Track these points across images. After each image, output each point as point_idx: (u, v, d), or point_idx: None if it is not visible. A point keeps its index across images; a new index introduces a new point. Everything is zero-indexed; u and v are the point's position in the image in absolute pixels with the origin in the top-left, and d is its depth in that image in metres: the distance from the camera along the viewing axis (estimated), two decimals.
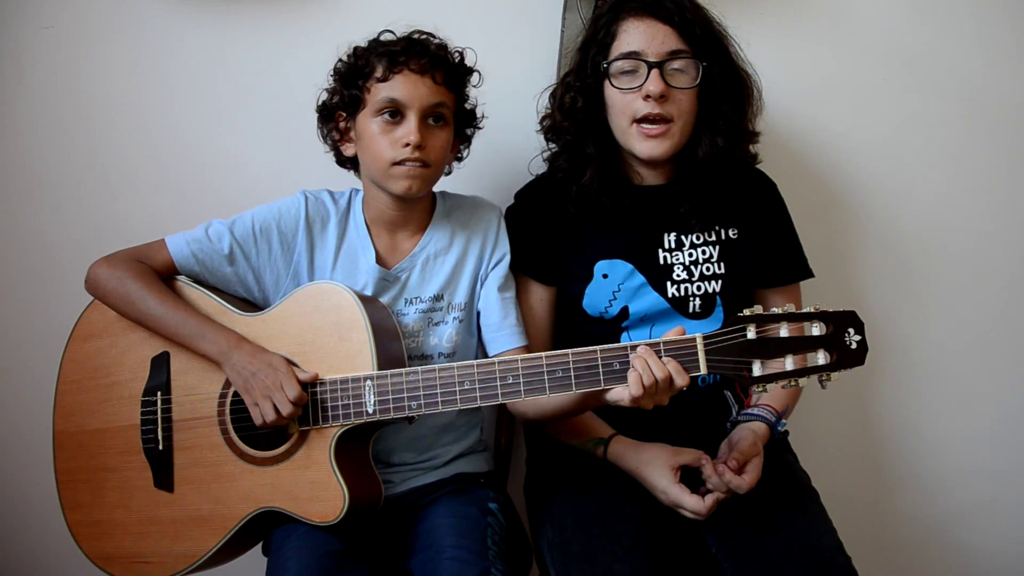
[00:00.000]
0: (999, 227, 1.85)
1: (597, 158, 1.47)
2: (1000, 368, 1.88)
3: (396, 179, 1.37)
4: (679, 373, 1.22)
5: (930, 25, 1.78)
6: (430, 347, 1.45)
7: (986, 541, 1.91)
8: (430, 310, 1.45)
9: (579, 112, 1.47)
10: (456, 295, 1.47)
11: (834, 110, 1.79)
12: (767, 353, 1.21)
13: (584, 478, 1.44)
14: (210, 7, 1.68)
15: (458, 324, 1.47)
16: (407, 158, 1.36)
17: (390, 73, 1.36)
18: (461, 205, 1.52)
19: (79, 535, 1.43)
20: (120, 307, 1.40)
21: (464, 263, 1.47)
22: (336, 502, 1.30)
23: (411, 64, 1.36)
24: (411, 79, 1.36)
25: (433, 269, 1.46)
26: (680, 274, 1.51)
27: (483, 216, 1.50)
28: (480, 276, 1.48)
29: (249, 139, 1.72)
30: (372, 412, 1.30)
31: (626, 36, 1.43)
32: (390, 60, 1.36)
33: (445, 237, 1.47)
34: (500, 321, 1.46)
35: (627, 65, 1.43)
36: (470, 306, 1.48)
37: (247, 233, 1.42)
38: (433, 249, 1.47)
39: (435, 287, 1.46)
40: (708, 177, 1.47)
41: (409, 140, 1.35)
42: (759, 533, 1.35)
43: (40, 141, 1.70)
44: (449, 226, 1.48)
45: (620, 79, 1.44)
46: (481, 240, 1.49)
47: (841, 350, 1.20)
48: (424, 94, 1.36)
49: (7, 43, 1.67)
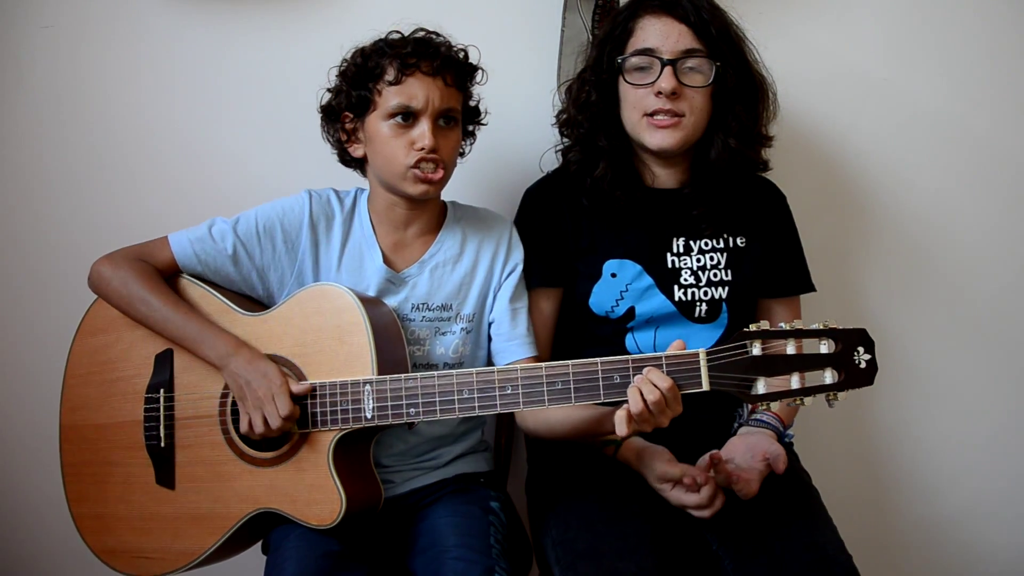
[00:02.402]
0: (1000, 230, 1.83)
1: (609, 151, 1.48)
2: (1000, 370, 1.87)
3: (412, 182, 1.37)
4: (676, 399, 1.20)
5: (925, 27, 1.77)
6: (436, 356, 1.45)
7: (985, 541, 1.90)
8: (437, 319, 1.45)
9: (592, 106, 1.48)
10: (465, 306, 1.46)
11: (827, 111, 1.78)
12: (772, 370, 1.18)
13: (587, 477, 1.44)
14: (210, 7, 1.67)
15: (464, 335, 1.46)
16: (422, 159, 1.35)
17: (402, 76, 1.35)
18: (472, 216, 1.51)
19: (83, 528, 1.44)
20: (122, 307, 1.41)
21: (475, 274, 1.47)
22: (333, 506, 1.30)
23: (422, 66, 1.35)
24: (424, 82, 1.35)
25: (442, 277, 1.45)
26: (688, 278, 1.50)
27: (495, 227, 1.50)
28: (493, 287, 1.48)
29: (250, 138, 1.72)
30: (370, 417, 1.30)
31: (642, 33, 1.44)
32: (402, 63, 1.35)
33: (456, 246, 1.47)
34: (510, 331, 1.46)
35: (641, 61, 1.44)
36: (479, 317, 1.47)
37: (251, 232, 1.42)
38: (443, 257, 1.46)
39: (443, 296, 1.45)
40: (721, 181, 1.47)
41: (424, 144, 1.34)
42: (761, 532, 1.34)
43: (40, 141, 1.71)
44: (460, 235, 1.47)
45: (634, 75, 1.45)
46: (493, 250, 1.48)
47: (849, 369, 1.17)
48: (436, 97, 1.35)
49: (7, 43, 1.68)
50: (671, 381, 1.19)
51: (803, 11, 1.75)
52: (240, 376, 1.32)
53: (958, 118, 1.80)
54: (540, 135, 1.59)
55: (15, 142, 1.71)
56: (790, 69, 1.66)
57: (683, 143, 1.44)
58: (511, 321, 1.46)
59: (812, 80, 1.76)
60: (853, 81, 1.78)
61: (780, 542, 1.32)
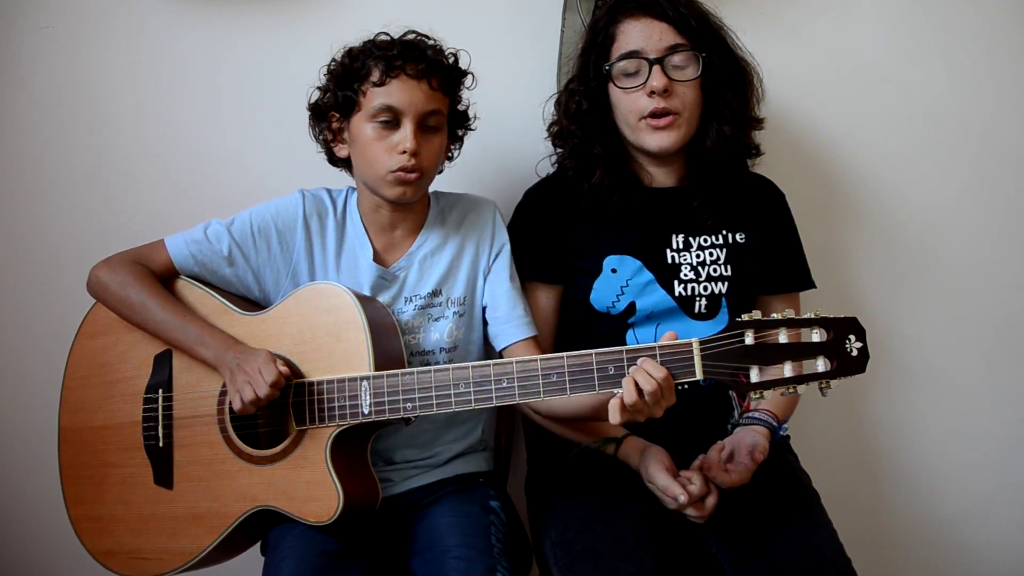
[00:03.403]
0: (997, 229, 1.83)
1: (605, 158, 1.49)
2: (999, 370, 1.87)
3: (391, 186, 1.37)
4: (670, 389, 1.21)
5: (925, 27, 1.77)
6: (430, 342, 1.45)
7: (984, 542, 1.90)
8: (428, 306, 1.45)
9: (584, 115, 1.49)
10: (454, 289, 1.47)
11: (827, 112, 1.78)
12: (765, 359, 1.19)
13: (586, 478, 1.44)
14: (210, 7, 1.68)
15: (457, 319, 1.46)
16: (403, 166, 1.35)
17: (387, 78, 1.35)
18: (455, 203, 1.52)
19: (81, 530, 1.44)
20: (120, 311, 1.42)
21: (461, 257, 1.47)
22: (331, 502, 1.30)
23: (408, 69, 1.35)
24: (408, 85, 1.35)
25: (431, 267, 1.46)
26: (687, 274, 1.51)
27: (478, 211, 1.50)
28: (482, 270, 1.48)
29: (250, 138, 1.72)
30: (368, 413, 1.30)
31: (624, 37, 1.46)
32: (387, 64, 1.35)
33: (440, 235, 1.48)
34: (509, 312, 1.45)
35: (629, 66, 1.45)
36: (470, 300, 1.48)
37: (245, 233, 1.43)
38: (429, 248, 1.47)
39: (432, 283, 1.46)
40: (719, 172, 1.49)
41: (405, 147, 1.35)
42: (759, 534, 1.34)
43: (40, 141, 1.71)
44: (444, 224, 1.48)
45: (623, 80, 1.46)
46: (478, 234, 1.48)
47: (841, 357, 1.18)
48: (420, 100, 1.36)
49: (7, 43, 1.69)
50: (666, 371, 1.20)
51: (802, 10, 1.75)
52: (232, 362, 1.32)
53: (958, 117, 1.80)
54: (539, 136, 1.59)
55: (15, 142, 1.72)
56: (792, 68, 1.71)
57: (682, 141, 1.46)
58: (508, 301, 1.46)
59: (814, 78, 1.76)
60: (853, 80, 1.78)
61: (778, 544, 1.32)
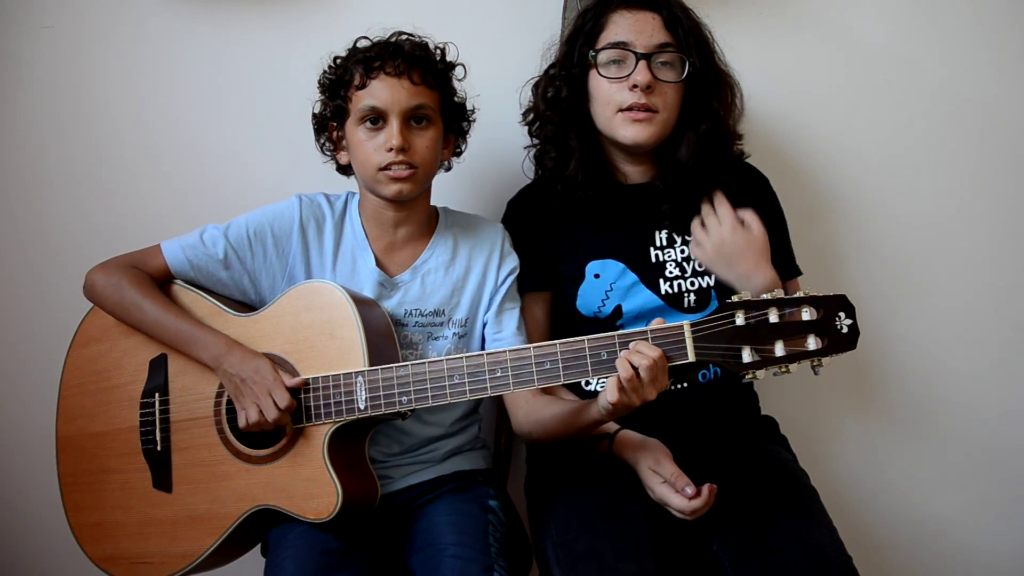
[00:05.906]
0: (990, 230, 1.83)
1: (580, 150, 1.48)
2: (997, 367, 1.86)
3: (385, 183, 1.39)
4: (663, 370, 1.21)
5: (925, 27, 1.78)
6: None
7: (984, 542, 1.89)
8: (430, 324, 1.46)
9: (563, 102, 1.48)
10: (457, 311, 1.47)
11: (826, 112, 1.78)
12: (757, 339, 1.19)
13: (587, 477, 1.43)
14: (210, 7, 1.68)
15: (457, 340, 1.47)
16: (392, 162, 1.37)
17: (367, 79, 1.37)
18: (465, 222, 1.53)
19: (82, 537, 1.44)
20: (117, 314, 1.42)
21: (467, 279, 1.48)
22: (330, 499, 1.30)
23: (386, 68, 1.37)
24: (388, 83, 1.37)
25: (435, 283, 1.47)
26: (673, 271, 1.51)
27: (488, 233, 1.51)
28: (487, 293, 1.49)
29: (250, 140, 1.72)
30: (363, 408, 1.31)
31: (615, 27, 1.46)
32: (365, 66, 1.38)
33: (448, 252, 1.48)
34: (501, 330, 1.47)
35: (615, 55, 1.45)
36: (472, 323, 1.48)
37: (241, 237, 1.44)
38: (435, 263, 1.47)
39: (436, 302, 1.46)
40: (691, 175, 1.48)
41: (392, 144, 1.36)
42: (759, 532, 1.33)
43: (40, 141, 1.71)
44: (452, 241, 1.49)
45: (607, 68, 1.46)
46: (486, 257, 1.49)
47: (832, 335, 1.18)
48: (402, 96, 1.37)
49: (7, 43, 1.68)
50: (660, 351, 1.20)
51: (802, 10, 1.76)
52: (235, 374, 1.33)
53: (958, 118, 1.80)
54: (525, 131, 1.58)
55: (15, 142, 1.71)
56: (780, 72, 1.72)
57: (657, 138, 1.45)
58: (508, 324, 1.47)
59: (803, 82, 1.77)
60: (846, 84, 1.78)
61: (779, 543, 1.31)
